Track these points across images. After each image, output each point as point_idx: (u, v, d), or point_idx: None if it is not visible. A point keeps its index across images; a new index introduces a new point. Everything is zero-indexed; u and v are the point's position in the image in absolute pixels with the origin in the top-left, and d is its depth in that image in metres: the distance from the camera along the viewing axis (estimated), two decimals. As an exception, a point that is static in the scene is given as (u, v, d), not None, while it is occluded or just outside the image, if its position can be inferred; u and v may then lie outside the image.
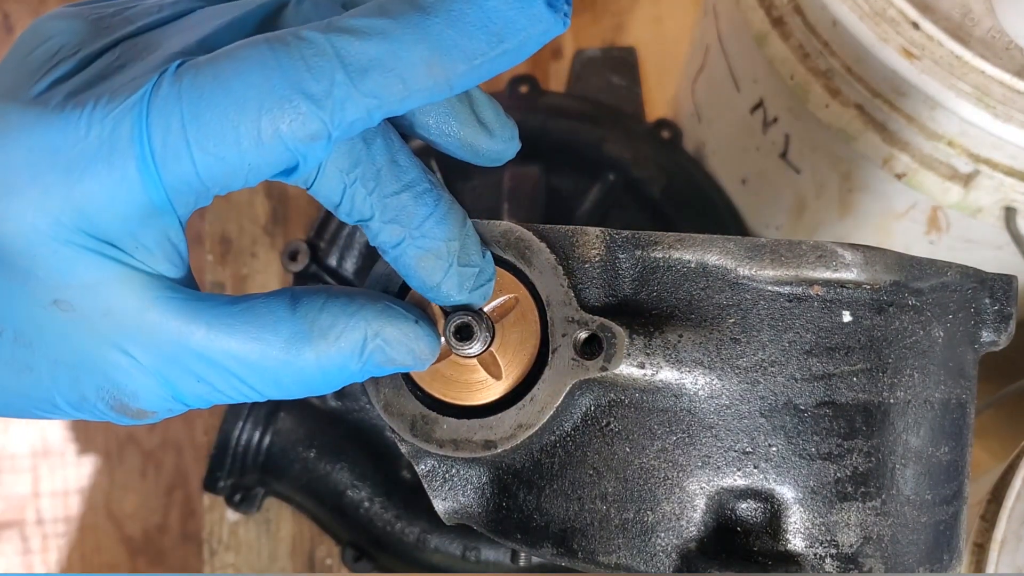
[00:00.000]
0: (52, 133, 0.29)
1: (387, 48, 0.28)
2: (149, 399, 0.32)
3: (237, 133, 0.28)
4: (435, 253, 0.32)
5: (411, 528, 0.80)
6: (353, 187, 0.32)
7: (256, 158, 0.29)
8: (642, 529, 0.36)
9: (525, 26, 0.28)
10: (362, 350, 0.32)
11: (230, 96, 0.28)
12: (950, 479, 0.39)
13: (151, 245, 0.30)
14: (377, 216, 0.32)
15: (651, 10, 1.06)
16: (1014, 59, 0.59)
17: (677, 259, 0.36)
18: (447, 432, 0.36)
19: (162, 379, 0.31)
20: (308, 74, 0.28)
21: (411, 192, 0.32)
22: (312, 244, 0.83)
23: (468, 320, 0.34)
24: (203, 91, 0.28)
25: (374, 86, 0.28)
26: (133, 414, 0.32)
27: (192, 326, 0.31)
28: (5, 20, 1.84)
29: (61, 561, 1.58)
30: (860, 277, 0.36)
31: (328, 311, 0.32)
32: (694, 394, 0.35)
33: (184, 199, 0.30)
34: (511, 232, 0.36)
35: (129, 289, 0.30)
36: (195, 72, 0.28)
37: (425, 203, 0.32)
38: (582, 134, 0.88)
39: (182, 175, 0.29)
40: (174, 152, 0.28)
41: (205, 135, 0.28)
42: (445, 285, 0.33)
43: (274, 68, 0.28)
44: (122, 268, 0.30)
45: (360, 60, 0.28)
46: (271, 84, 0.28)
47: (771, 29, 0.67)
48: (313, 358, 0.31)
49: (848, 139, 0.65)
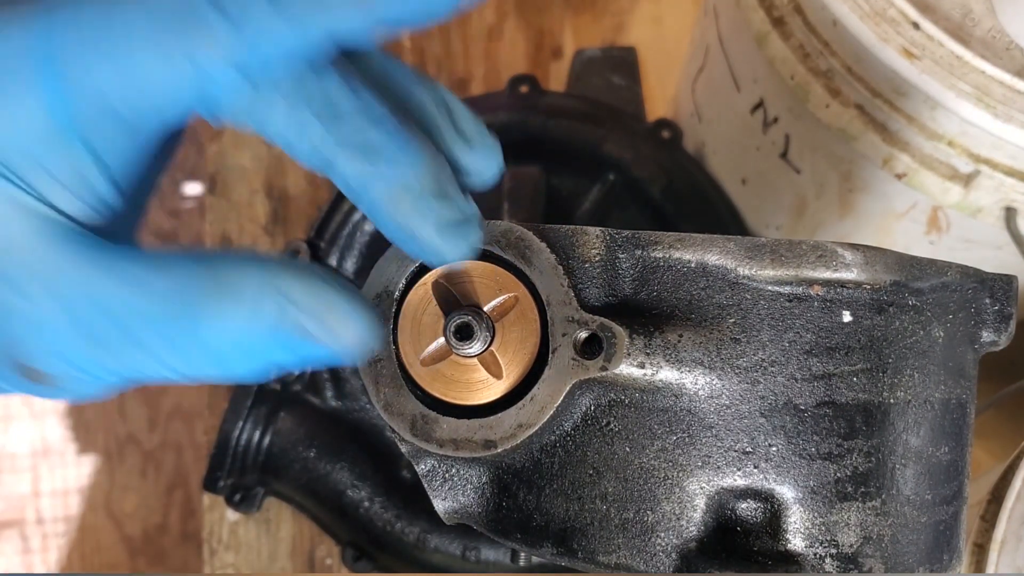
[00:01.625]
0: None
1: None
2: (46, 357, 0.29)
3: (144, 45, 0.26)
4: (404, 186, 0.29)
5: (411, 528, 0.80)
6: (305, 118, 0.29)
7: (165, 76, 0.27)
8: (642, 529, 0.36)
9: None
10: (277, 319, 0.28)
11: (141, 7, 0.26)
12: (950, 479, 0.39)
13: (58, 174, 0.28)
14: (338, 151, 0.29)
15: (651, 10, 1.06)
16: (1014, 59, 0.59)
17: (677, 259, 0.36)
18: (447, 432, 0.36)
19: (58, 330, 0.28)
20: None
21: (375, 125, 0.29)
22: (312, 244, 0.83)
23: (468, 320, 0.34)
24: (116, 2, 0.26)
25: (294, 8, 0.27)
26: (35, 376, 0.29)
27: (91, 270, 0.28)
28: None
29: (61, 561, 1.58)
30: (860, 277, 0.36)
31: (235, 264, 0.28)
32: (694, 394, 0.35)
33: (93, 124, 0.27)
34: (511, 232, 0.36)
35: (27, 219, 0.28)
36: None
37: (390, 134, 0.29)
38: (582, 134, 0.88)
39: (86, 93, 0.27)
40: (79, 66, 0.26)
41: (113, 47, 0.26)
42: (423, 229, 0.30)
43: None
44: (20, 193, 0.28)
45: None
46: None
47: (771, 29, 0.67)
48: (216, 317, 0.28)
49: (848, 139, 0.65)
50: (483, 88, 1.04)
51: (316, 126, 0.29)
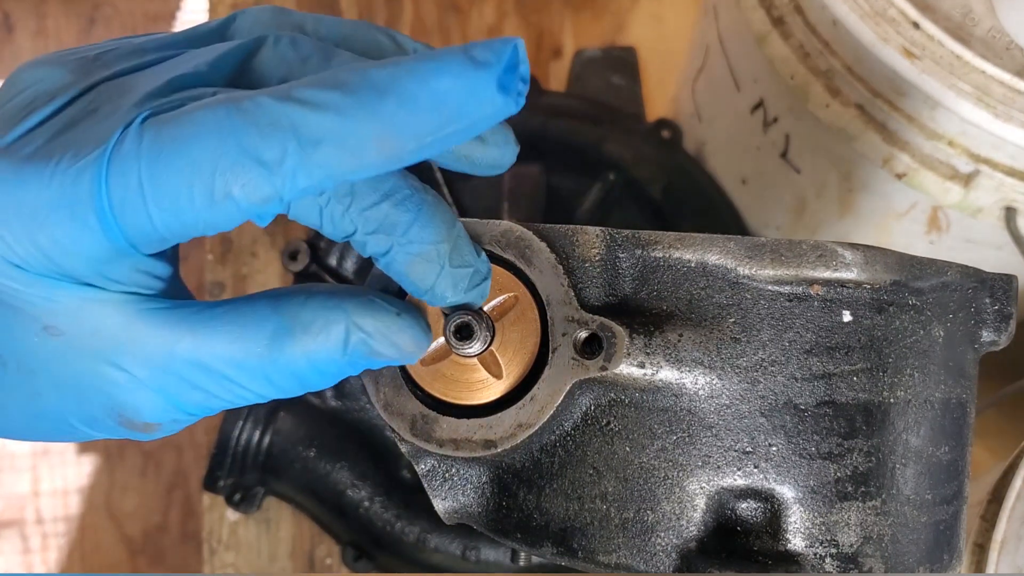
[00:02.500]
0: (17, 185, 0.30)
1: (340, 123, 0.28)
2: (151, 411, 0.32)
3: (191, 192, 0.29)
4: (424, 257, 0.32)
5: (411, 528, 0.80)
6: (328, 207, 0.32)
7: (210, 217, 0.29)
8: (642, 528, 0.36)
9: (475, 109, 0.28)
10: (345, 343, 0.32)
11: (186, 158, 0.29)
12: (950, 479, 0.39)
13: (122, 279, 0.31)
14: (360, 230, 0.32)
15: (651, 10, 1.06)
16: (1015, 59, 0.59)
17: (677, 258, 0.36)
18: (447, 432, 0.36)
19: (158, 389, 0.32)
20: (261, 141, 0.28)
21: (390, 201, 0.32)
22: (312, 244, 0.83)
23: (468, 319, 0.34)
24: (161, 151, 0.29)
25: (325, 158, 0.29)
26: (141, 428, 0.33)
27: (176, 333, 0.31)
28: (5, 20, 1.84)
29: (61, 560, 1.58)
30: (860, 277, 0.36)
31: (309, 306, 0.32)
32: (694, 393, 0.35)
33: (147, 244, 0.31)
34: (511, 231, 0.36)
35: (110, 308, 0.31)
36: (156, 130, 0.29)
37: (407, 209, 0.32)
38: (582, 134, 0.87)
39: (140, 227, 0.30)
40: (132, 208, 0.29)
41: (161, 193, 0.29)
42: (439, 287, 0.33)
43: (229, 133, 0.29)
44: (98, 293, 0.31)
45: (313, 132, 0.28)
46: (225, 147, 0.28)
47: (771, 29, 0.67)
48: (299, 353, 0.32)
49: (848, 139, 0.65)
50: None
51: (337, 209, 0.32)
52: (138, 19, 1.86)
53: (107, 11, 1.86)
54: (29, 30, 1.84)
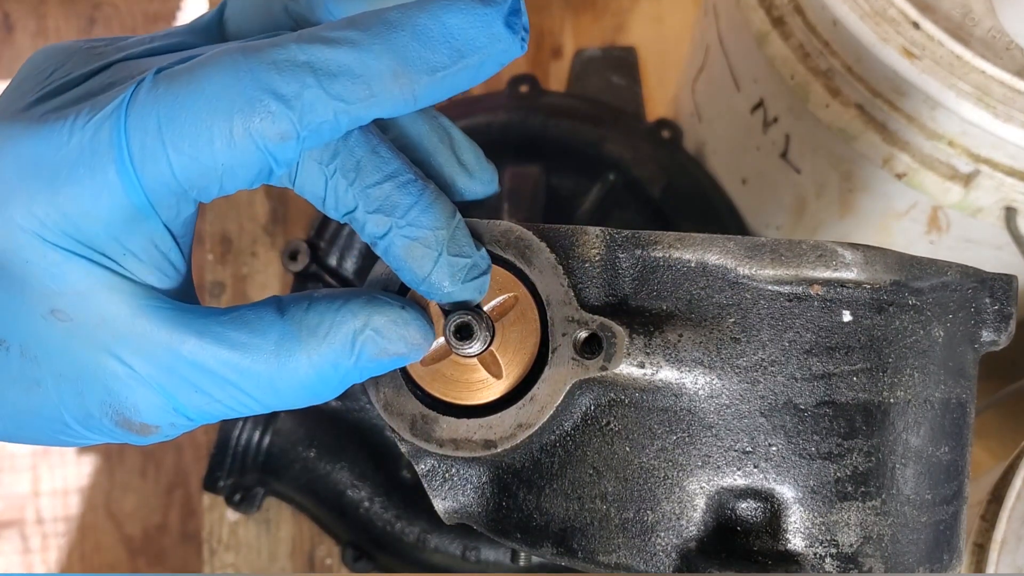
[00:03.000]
0: (36, 142, 0.30)
1: (356, 56, 0.29)
2: (150, 412, 0.32)
3: (210, 132, 0.29)
4: (422, 242, 0.32)
5: (411, 528, 0.80)
6: (334, 179, 0.32)
7: (228, 157, 0.29)
8: (642, 529, 0.36)
9: (484, 44, 0.30)
10: (353, 343, 0.32)
11: (203, 97, 0.29)
12: (950, 479, 0.39)
13: (138, 251, 0.31)
14: (361, 207, 0.32)
15: (651, 10, 1.06)
16: (1014, 59, 0.59)
17: (677, 258, 0.36)
18: (447, 431, 0.36)
19: (159, 389, 0.31)
20: (279, 76, 0.29)
21: (393, 182, 0.32)
22: (312, 244, 0.83)
23: (468, 319, 0.34)
24: (178, 94, 0.29)
25: (342, 90, 0.29)
26: (137, 429, 0.32)
27: (183, 335, 0.31)
28: (5, 20, 1.84)
29: (61, 560, 1.58)
30: (860, 276, 0.36)
31: (314, 310, 0.32)
32: (694, 393, 0.35)
33: (165, 202, 0.30)
34: (511, 232, 0.36)
35: (119, 296, 0.31)
36: (171, 78, 0.30)
37: (409, 192, 0.32)
38: (582, 134, 0.88)
39: (159, 176, 0.29)
40: (151, 154, 0.29)
41: (180, 135, 0.29)
42: (436, 276, 0.33)
43: (246, 71, 0.29)
44: (110, 275, 0.31)
45: (330, 66, 0.29)
46: (242, 85, 0.29)
47: (771, 29, 0.67)
48: (305, 359, 0.32)
49: (848, 139, 0.65)
50: (483, 88, 1.04)
51: (341, 183, 0.32)
52: (138, 19, 1.86)
53: (107, 11, 1.86)
54: (29, 30, 1.84)
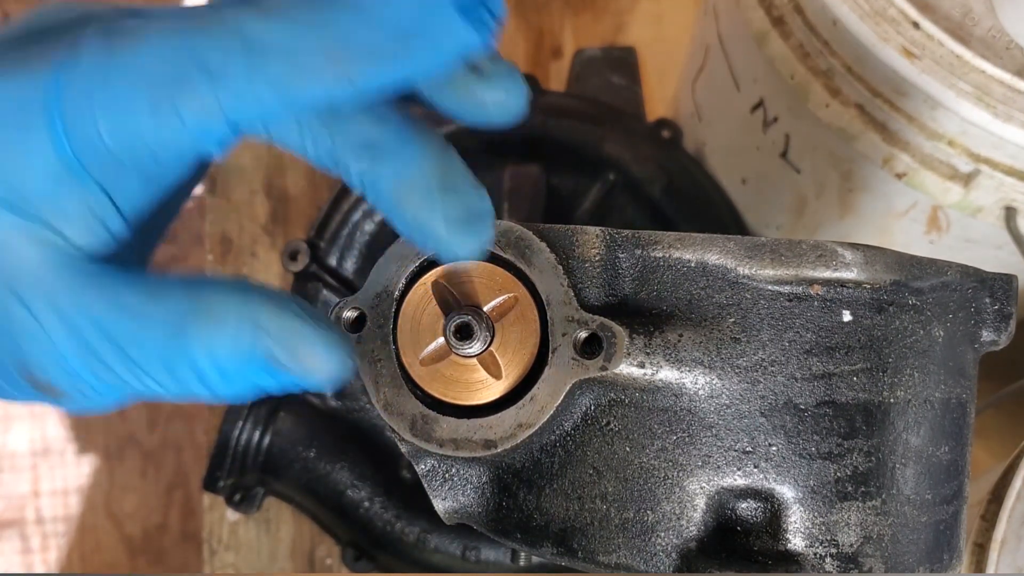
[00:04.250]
0: None
1: (288, 31, 0.27)
2: (56, 372, 0.30)
3: (137, 100, 0.28)
4: (409, 181, 0.30)
5: (411, 528, 0.80)
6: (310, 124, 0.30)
7: (155, 130, 0.28)
8: (642, 529, 0.36)
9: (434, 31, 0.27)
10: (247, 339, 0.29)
11: (137, 64, 0.28)
12: (950, 479, 0.39)
13: (69, 212, 0.30)
14: (343, 149, 0.30)
15: (651, 10, 1.06)
16: (1015, 59, 0.59)
17: (677, 258, 0.36)
18: (447, 432, 0.36)
19: (64, 347, 0.30)
20: (209, 46, 0.27)
21: (372, 117, 0.30)
22: (312, 244, 0.83)
23: (468, 320, 0.34)
24: (113, 55, 0.28)
25: (272, 71, 0.27)
26: (44, 388, 0.31)
27: (93, 294, 0.30)
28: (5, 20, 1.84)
29: (61, 560, 1.58)
30: (860, 276, 0.35)
31: (217, 290, 0.30)
32: (694, 393, 0.35)
33: (102, 166, 0.29)
34: (511, 231, 0.36)
35: (38, 248, 0.30)
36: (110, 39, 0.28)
37: (390, 127, 0.30)
38: (582, 134, 0.87)
39: (88, 139, 0.28)
40: (80, 115, 0.28)
41: (109, 99, 0.28)
42: (431, 224, 0.30)
43: (181, 39, 0.28)
44: (33, 226, 0.30)
45: (262, 39, 0.27)
46: (176, 55, 0.28)
47: (771, 29, 0.67)
48: (198, 339, 0.29)
49: (848, 139, 0.65)
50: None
51: (322, 131, 0.30)
52: (138, 19, 1.86)
53: (107, 11, 1.86)
54: (29, 30, 1.83)
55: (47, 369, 0.31)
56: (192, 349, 0.29)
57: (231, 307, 0.30)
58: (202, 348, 0.29)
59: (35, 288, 0.30)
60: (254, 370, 0.30)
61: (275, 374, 0.30)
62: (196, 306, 0.30)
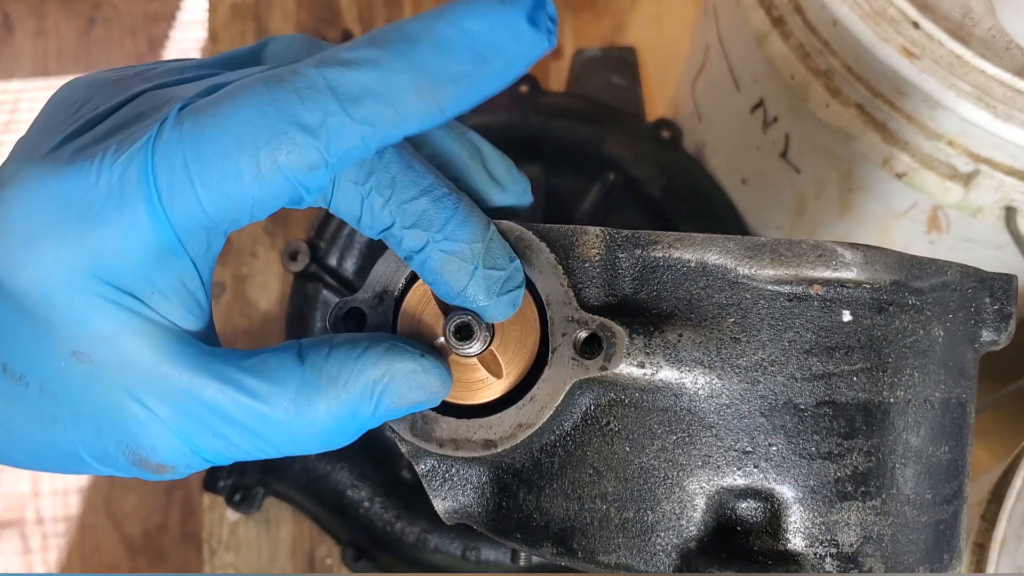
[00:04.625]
0: (65, 183, 0.29)
1: (376, 76, 0.29)
2: (167, 453, 0.32)
3: (238, 168, 0.29)
4: (459, 256, 0.32)
5: (411, 528, 0.80)
6: (370, 197, 0.32)
7: (258, 191, 0.29)
8: (642, 528, 0.36)
9: (509, 46, 0.29)
10: (372, 392, 0.32)
11: (229, 132, 0.29)
12: (950, 478, 0.39)
13: (166, 290, 0.31)
14: (398, 223, 0.32)
15: (651, 10, 1.06)
16: (1014, 58, 0.59)
17: (677, 258, 0.36)
18: (447, 431, 0.36)
19: (178, 432, 0.31)
20: (302, 106, 0.28)
21: (429, 196, 0.32)
22: (312, 244, 0.83)
23: (468, 319, 0.34)
24: (203, 130, 0.29)
25: (366, 113, 0.29)
26: (153, 469, 0.32)
27: (204, 380, 0.31)
28: (5, 20, 1.84)
29: (61, 560, 1.58)
30: (860, 276, 0.35)
31: (334, 358, 0.32)
32: (694, 393, 0.35)
33: (195, 238, 0.30)
34: (511, 231, 0.36)
35: (143, 341, 0.31)
36: (195, 114, 0.29)
37: (444, 206, 0.32)
38: (582, 134, 0.88)
39: (189, 213, 0.29)
40: (180, 191, 0.29)
41: (207, 172, 0.29)
42: (471, 289, 0.33)
43: (269, 103, 0.29)
44: (136, 319, 0.30)
45: (351, 89, 0.29)
46: (267, 118, 0.28)
47: (771, 29, 0.67)
48: (324, 408, 0.32)
49: (848, 139, 0.65)
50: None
51: (377, 200, 0.32)
52: (138, 19, 1.86)
53: (107, 11, 1.86)
54: (29, 30, 1.84)
55: (159, 453, 0.32)
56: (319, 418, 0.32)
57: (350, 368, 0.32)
58: (329, 415, 0.32)
59: (145, 382, 0.31)
60: (376, 415, 0.33)
61: (396, 411, 0.33)
62: (314, 375, 0.32)
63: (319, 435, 0.32)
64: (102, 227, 0.29)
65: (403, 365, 0.32)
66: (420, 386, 0.33)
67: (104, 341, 0.30)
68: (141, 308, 0.30)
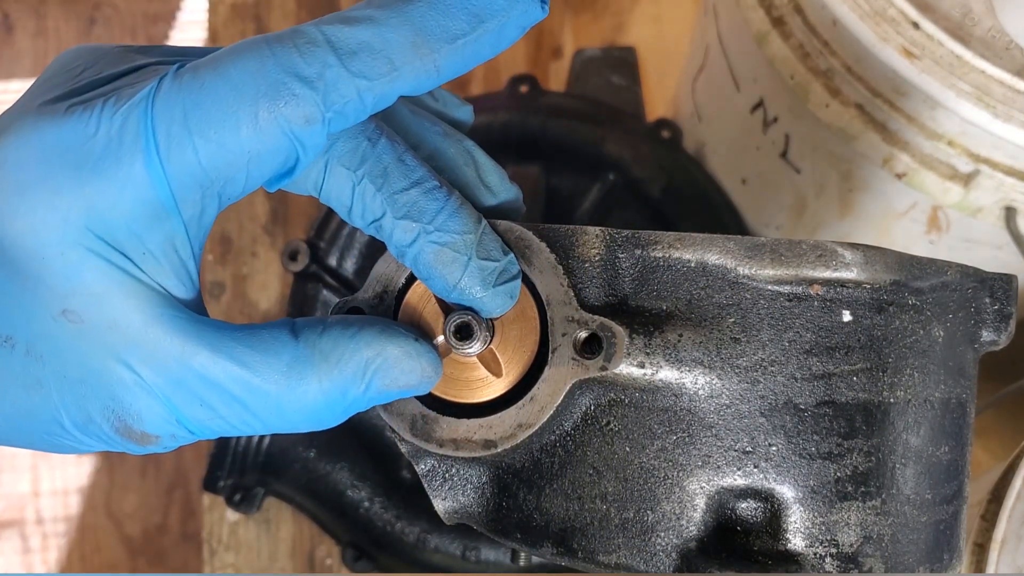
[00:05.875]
0: (63, 133, 0.29)
1: (374, 32, 0.29)
2: (152, 421, 0.31)
3: (236, 118, 0.29)
4: (451, 247, 0.33)
5: (411, 528, 0.80)
6: (362, 184, 0.32)
7: (255, 143, 0.29)
8: (642, 528, 0.36)
9: (503, 7, 0.30)
10: (364, 372, 0.32)
11: (228, 83, 0.29)
12: (950, 478, 0.39)
13: (156, 252, 0.31)
14: (389, 213, 0.32)
15: (651, 10, 1.06)
16: (1014, 59, 0.59)
17: (677, 258, 0.36)
18: (447, 431, 0.36)
19: (165, 399, 0.31)
20: (301, 59, 0.29)
21: (420, 188, 0.32)
22: (312, 244, 0.83)
23: (468, 319, 0.34)
24: (203, 81, 0.29)
25: (363, 66, 0.29)
26: (137, 438, 0.32)
27: (196, 346, 0.31)
28: (5, 20, 1.84)
29: (61, 561, 1.58)
30: (860, 276, 0.36)
31: (328, 335, 0.32)
32: (694, 393, 0.35)
33: (189, 197, 0.30)
34: (511, 231, 0.36)
35: (134, 302, 0.30)
36: (195, 69, 0.30)
37: (435, 198, 0.33)
38: (582, 134, 0.87)
39: (185, 166, 0.29)
40: (177, 142, 0.29)
41: (206, 122, 0.29)
42: (466, 281, 0.33)
43: (268, 56, 0.29)
44: (127, 278, 0.30)
45: (349, 43, 0.29)
46: (266, 70, 0.29)
47: (771, 29, 0.67)
48: (316, 383, 0.31)
49: (848, 139, 0.65)
50: (483, 88, 1.04)
51: (369, 188, 0.32)
52: (138, 19, 1.86)
53: (107, 11, 1.86)
54: (29, 30, 1.84)
55: (145, 421, 0.31)
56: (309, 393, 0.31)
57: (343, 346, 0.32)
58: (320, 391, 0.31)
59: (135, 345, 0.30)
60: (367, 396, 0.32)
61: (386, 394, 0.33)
62: (308, 350, 0.31)
63: (307, 411, 0.32)
64: (98, 178, 0.29)
65: (396, 347, 0.32)
66: (412, 370, 0.33)
67: (94, 299, 0.30)
68: (133, 269, 0.30)
